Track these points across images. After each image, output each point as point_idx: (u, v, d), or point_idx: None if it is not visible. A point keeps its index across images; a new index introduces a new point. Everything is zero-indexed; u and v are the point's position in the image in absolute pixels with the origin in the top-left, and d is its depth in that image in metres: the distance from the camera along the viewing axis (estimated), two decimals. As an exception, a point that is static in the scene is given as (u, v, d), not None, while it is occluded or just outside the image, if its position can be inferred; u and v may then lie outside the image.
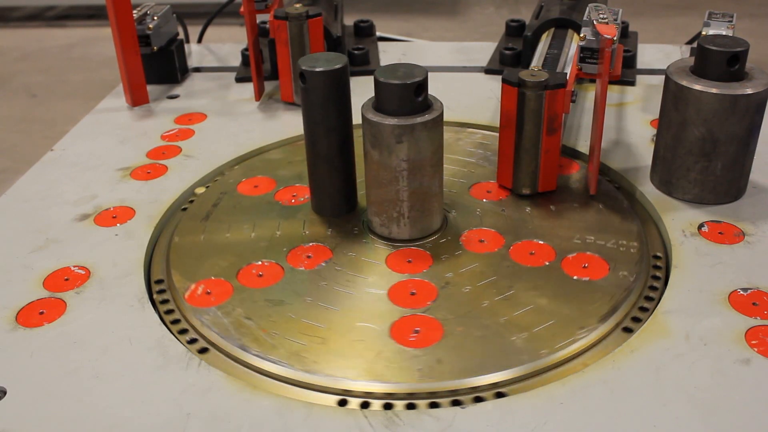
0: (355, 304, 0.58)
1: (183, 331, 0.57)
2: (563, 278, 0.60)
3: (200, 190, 0.75)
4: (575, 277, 0.60)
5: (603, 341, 0.54)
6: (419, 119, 0.59)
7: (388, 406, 0.49)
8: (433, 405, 0.49)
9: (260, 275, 0.62)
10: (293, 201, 0.72)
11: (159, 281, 0.63)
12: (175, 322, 0.58)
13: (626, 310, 0.57)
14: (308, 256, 0.64)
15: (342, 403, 0.50)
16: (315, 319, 0.56)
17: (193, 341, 0.56)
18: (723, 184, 0.68)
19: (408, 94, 0.58)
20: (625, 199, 0.70)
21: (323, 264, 0.63)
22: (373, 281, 0.60)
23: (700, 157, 0.67)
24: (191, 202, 0.73)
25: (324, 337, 0.55)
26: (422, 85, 0.59)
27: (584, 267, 0.61)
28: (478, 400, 0.50)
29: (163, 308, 0.59)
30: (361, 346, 0.54)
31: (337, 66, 0.62)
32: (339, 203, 0.68)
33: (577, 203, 0.69)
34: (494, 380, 0.51)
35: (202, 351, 0.55)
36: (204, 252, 0.65)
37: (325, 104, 0.63)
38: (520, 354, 0.52)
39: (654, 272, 0.62)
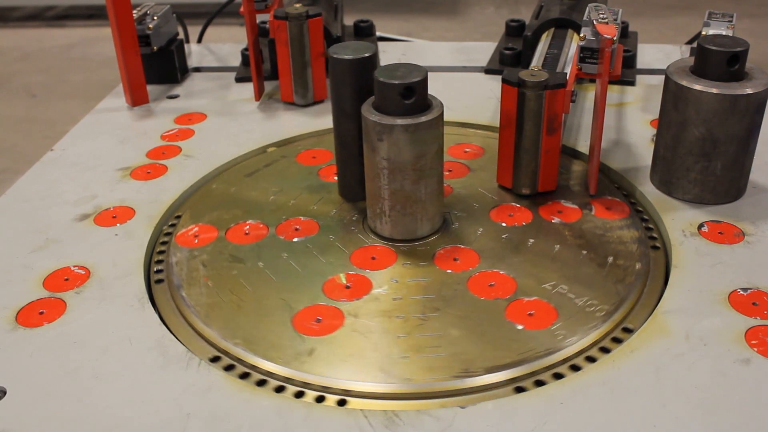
0: (291, 280, 0.61)
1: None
2: (498, 318, 0.56)
3: (272, 149, 0.82)
4: (510, 321, 0.56)
5: (603, 341, 0.54)
6: (399, 121, 0.59)
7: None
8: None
9: (247, 233, 0.67)
10: (331, 178, 0.75)
11: (177, 216, 0.70)
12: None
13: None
14: (296, 228, 0.67)
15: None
16: (249, 282, 0.60)
17: (159, 271, 0.62)
18: (723, 184, 0.68)
19: (396, 95, 0.58)
20: (642, 258, 0.62)
21: (301, 239, 0.66)
22: (325, 266, 0.62)
23: (700, 157, 0.67)
24: (256, 156, 0.80)
25: (243, 300, 0.59)
26: (412, 88, 0.58)
27: (529, 314, 0.56)
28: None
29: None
30: (262, 318, 0.57)
31: (366, 54, 0.64)
32: (358, 189, 0.69)
33: (587, 249, 0.63)
34: (495, 380, 0.51)
35: (158, 282, 0.62)
36: (223, 202, 0.71)
37: (349, 91, 0.64)
38: (380, 372, 0.51)
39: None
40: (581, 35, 0.67)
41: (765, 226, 0.65)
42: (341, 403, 0.50)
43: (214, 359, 0.54)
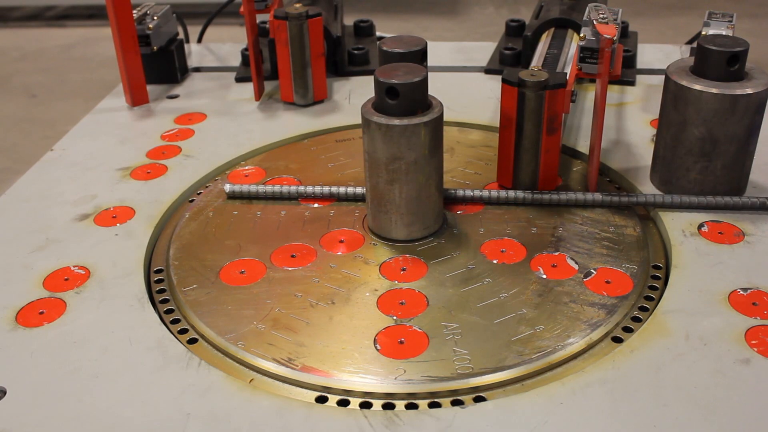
0: (255, 242, 0.66)
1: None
2: (368, 336, 0.55)
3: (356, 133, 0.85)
4: (375, 340, 0.54)
5: (603, 341, 0.54)
6: (375, 118, 0.59)
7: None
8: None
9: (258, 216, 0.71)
10: None
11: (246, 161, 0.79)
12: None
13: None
14: (312, 206, 0.71)
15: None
16: (228, 234, 0.67)
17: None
18: (723, 184, 0.68)
19: (382, 93, 0.59)
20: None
21: (312, 205, 0.71)
22: (295, 235, 0.66)
23: (700, 157, 0.67)
24: (338, 132, 0.85)
25: (211, 235, 0.66)
26: (396, 90, 0.58)
27: (399, 342, 0.54)
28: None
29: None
30: (200, 261, 0.63)
31: (416, 48, 0.66)
32: None
33: (532, 314, 0.56)
34: (494, 380, 0.51)
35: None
36: (299, 156, 0.79)
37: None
38: (240, 330, 0.56)
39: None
40: (581, 35, 0.67)
41: (765, 226, 0.65)
42: (322, 399, 0.50)
43: (158, 270, 0.63)
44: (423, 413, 0.48)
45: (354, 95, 0.94)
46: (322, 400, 0.50)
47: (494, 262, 0.62)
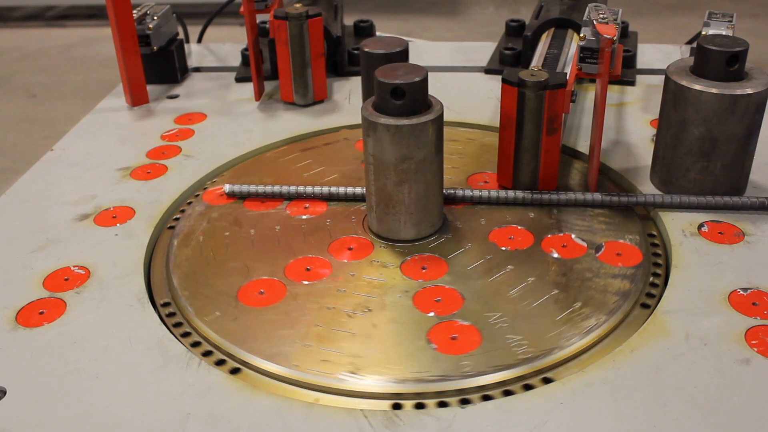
0: (263, 253, 0.64)
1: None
2: (420, 334, 0.54)
3: (346, 131, 0.84)
4: (428, 339, 0.54)
5: (603, 341, 0.54)
6: (382, 120, 0.58)
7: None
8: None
9: (263, 202, 0.71)
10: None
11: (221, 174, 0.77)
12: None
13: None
14: (306, 207, 0.71)
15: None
16: (231, 246, 0.65)
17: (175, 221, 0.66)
18: (723, 184, 0.68)
19: (386, 94, 0.58)
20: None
21: (305, 217, 0.69)
22: (302, 247, 0.65)
23: (700, 157, 0.67)
24: (328, 134, 0.84)
25: (213, 259, 0.63)
26: (399, 90, 0.58)
27: (452, 337, 0.54)
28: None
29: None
30: (215, 279, 0.61)
31: (397, 49, 0.65)
32: None
33: (560, 289, 0.59)
34: (494, 380, 0.51)
35: (170, 227, 0.67)
36: (266, 168, 0.76)
37: (367, 83, 0.66)
38: (255, 343, 0.55)
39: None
40: (581, 35, 0.67)
41: (765, 226, 0.65)
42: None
43: (165, 304, 0.59)
44: (423, 413, 0.48)
45: (354, 95, 0.94)
46: (397, 407, 0.49)
47: (507, 249, 0.64)
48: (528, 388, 0.51)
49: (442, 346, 0.54)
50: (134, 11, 0.92)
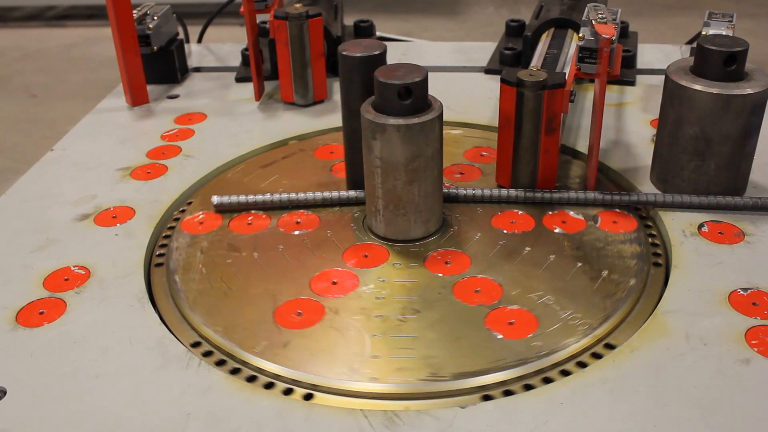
0: (282, 273, 0.62)
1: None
2: (476, 325, 0.55)
3: (293, 142, 0.83)
4: (488, 329, 0.55)
5: (603, 341, 0.54)
6: (392, 121, 0.58)
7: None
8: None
9: (249, 223, 0.68)
10: (342, 174, 0.75)
11: (189, 202, 0.72)
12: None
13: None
14: (297, 222, 0.68)
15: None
16: (241, 272, 0.62)
17: (160, 255, 0.63)
18: (717, 185, 0.68)
19: (393, 96, 0.58)
20: (635, 277, 0.60)
21: (300, 232, 0.67)
22: (316, 261, 0.63)
23: (694, 155, 0.67)
24: (277, 148, 0.81)
25: (230, 289, 0.60)
26: (409, 89, 0.58)
27: (509, 323, 0.55)
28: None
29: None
30: (244, 308, 0.58)
31: (375, 52, 0.64)
32: (361, 185, 0.68)
33: (583, 261, 0.62)
34: (495, 380, 0.51)
35: (158, 265, 0.63)
36: (236, 190, 0.71)
37: (359, 88, 0.64)
38: (340, 367, 0.52)
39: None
40: (580, 35, 0.67)
41: (765, 226, 0.65)
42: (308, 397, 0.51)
43: (195, 344, 0.55)
44: (423, 413, 0.48)
45: (354, 95, 0.94)
46: (487, 398, 0.50)
47: (515, 232, 0.66)
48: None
49: (506, 333, 0.55)
50: (134, 11, 0.92)
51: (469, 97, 0.93)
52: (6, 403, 0.50)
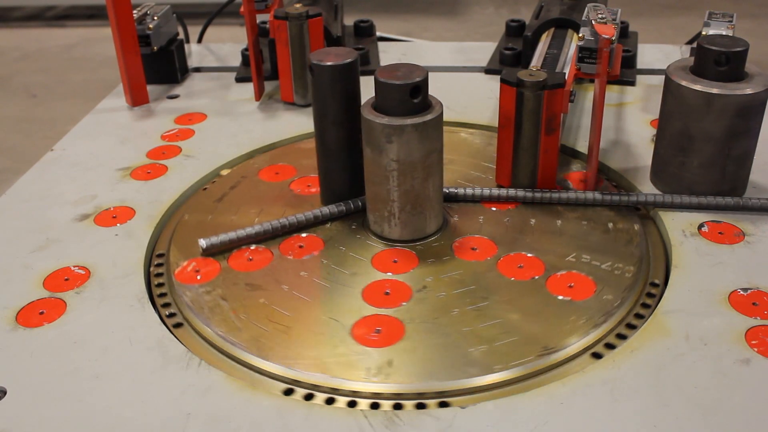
0: (327, 297, 0.59)
1: (165, 305, 0.60)
2: (544, 295, 0.58)
3: (225, 172, 0.78)
4: (558, 296, 0.58)
5: (603, 341, 0.54)
6: (409, 121, 0.58)
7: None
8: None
9: (250, 259, 0.63)
10: (306, 191, 0.73)
11: (160, 255, 0.65)
12: (162, 296, 0.61)
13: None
14: (300, 246, 0.65)
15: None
16: (284, 307, 0.58)
17: (171, 315, 0.59)
18: (700, 184, 0.68)
19: (403, 96, 0.58)
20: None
21: (311, 255, 0.64)
22: (352, 277, 0.61)
23: (678, 151, 0.68)
24: (213, 182, 0.76)
25: (288, 326, 0.56)
26: (419, 87, 0.59)
27: (569, 286, 0.59)
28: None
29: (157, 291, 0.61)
30: (320, 339, 0.55)
31: (347, 60, 0.63)
32: (346, 197, 0.68)
33: (586, 219, 0.67)
34: (495, 380, 0.51)
35: (177, 326, 0.58)
36: (206, 231, 0.65)
37: (333, 98, 0.64)
38: (471, 366, 0.52)
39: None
40: (580, 35, 0.67)
41: (765, 226, 0.65)
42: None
43: (288, 392, 0.51)
44: (423, 413, 0.48)
45: (354, 95, 0.94)
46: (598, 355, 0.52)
47: (509, 209, 0.69)
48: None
49: (573, 296, 0.58)
50: (134, 11, 0.92)
51: (469, 97, 0.93)
52: (6, 403, 0.50)
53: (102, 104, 0.95)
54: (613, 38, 0.64)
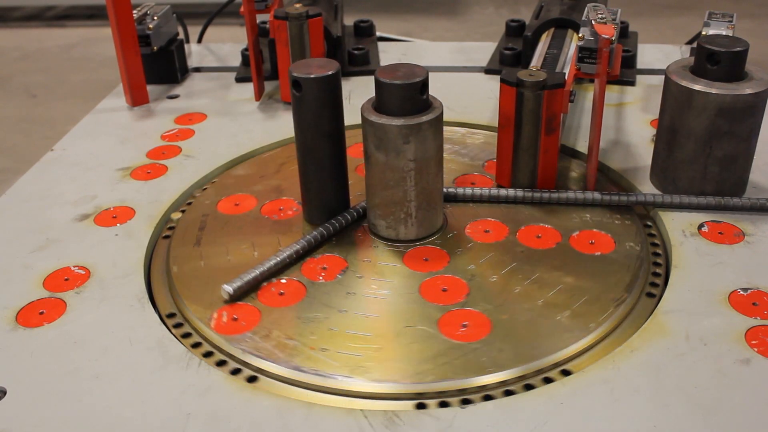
0: (392, 308, 0.57)
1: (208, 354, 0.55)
2: (576, 255, 0.63)
3: (176, 215, 0.70)
4: (589, 253, 0.63)
5: (603, 341, 0.54)
6: (425, 118, 0.59)
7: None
8: (432, 405, 0.49)
9: (281, 293, 0.59)
10: (283, 215, 0.69)
11: (171, 315, 0.59)
12: (209, 355, 0.55)
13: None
14: (323, 268, 0.62)
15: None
16: (359, 329, 0.55)
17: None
18: (682, 180, 0.69)
19: (413, 94, 0.58)
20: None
21: (341, 274, 0.61)
22: (400, 283, 0.60)
23: (665, 144, 0.69)
24: (171, 228, 0.69)
25: (378, 346, 0.54)
26: (426, 84, 0.59)
27: (591, 243, 0.64)
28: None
29: (188, 342, 0.56)
30: (417, 347, 0.53)
31: (334, 71, 0.61)
32: (336, 210, 0.66)
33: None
34: (495, 380, 0.51)
35: (251, 380, 0.52)
36: (211, 278, 0.61)
37: (324, 110, 0.62)
38: (568, 331, 0.54)
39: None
40: (580, 35, 0.67)
41: (765, 226, 0.65)
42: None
43: (420, 406, 0.50)
44: (423, 413, 0.48)
45: (354, 95, 0.94)
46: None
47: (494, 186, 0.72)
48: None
49: (601, 249, 0.64)
50: (134, 11, 0.92)
51: (469, 97, 0.93)
52: (6, 403, 0.50)
53: (102, 104, 0.95)
54: (613, 38, 0.64)
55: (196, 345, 0.55)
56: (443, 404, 0.49)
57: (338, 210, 0.66)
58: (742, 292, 0.58)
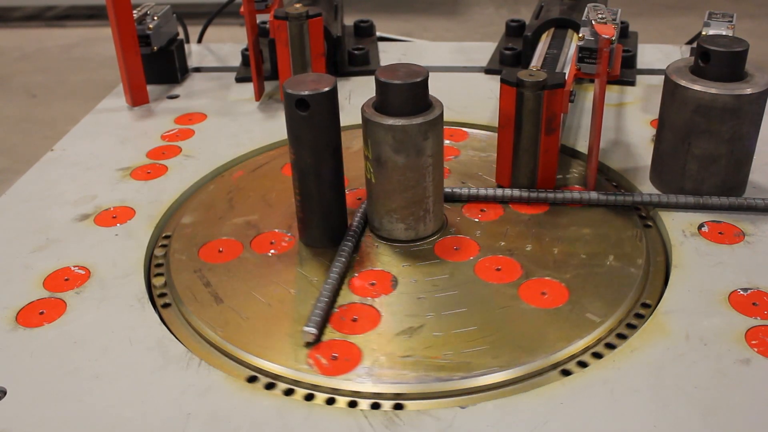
0: (470, 299, 0.58)
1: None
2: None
3: (159, 281, 0.62)
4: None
5: (603, 341, 0.54)
6: (438, 112, 0.60)
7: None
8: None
9: (354, 319, 0.56)
10: (280, 249, 0.64)
11: (252, 379, 0.53)
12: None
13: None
14: (372, 284, 0.59)
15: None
16: (461, 326, 0.55)
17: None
18: (666, 173, 0.69)
19: (420, 92, 0.59)
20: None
21: (397, 283, 0.60)
22: (455, 276, 0.61)
23: (655, 136, 0.70)
24: (162, 295, 0.61)
25: (500, 334, 0.54)
26: (427, 79, 0.60)
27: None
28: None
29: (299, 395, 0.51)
30: (532, 328, 0.55)
31: (331, 86, 0.58)
32: (337, 229, 0.64)
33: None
34: (495, 380, 0.51)
35: (398, 408, 0.50)
36: (269, 328, 0.56)
37: (330, 126, 0.59)
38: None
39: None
40: (580, 35, 0.67)
41: (765, 226, 0.65)
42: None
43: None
44: (423, 413, 0.48)
45: (354, 95, 0.94)
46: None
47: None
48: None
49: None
50: (134, 11, 0.92)
51: (469, 97, 0.93)
52: (6, 403, 0.50)
53: (102, 104, 0.95)
54: (613, 38, 0.64)
55: (308, 398, 0.51)
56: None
57: (340, 228, 0.64)
58: (742, 292, 0.58)
